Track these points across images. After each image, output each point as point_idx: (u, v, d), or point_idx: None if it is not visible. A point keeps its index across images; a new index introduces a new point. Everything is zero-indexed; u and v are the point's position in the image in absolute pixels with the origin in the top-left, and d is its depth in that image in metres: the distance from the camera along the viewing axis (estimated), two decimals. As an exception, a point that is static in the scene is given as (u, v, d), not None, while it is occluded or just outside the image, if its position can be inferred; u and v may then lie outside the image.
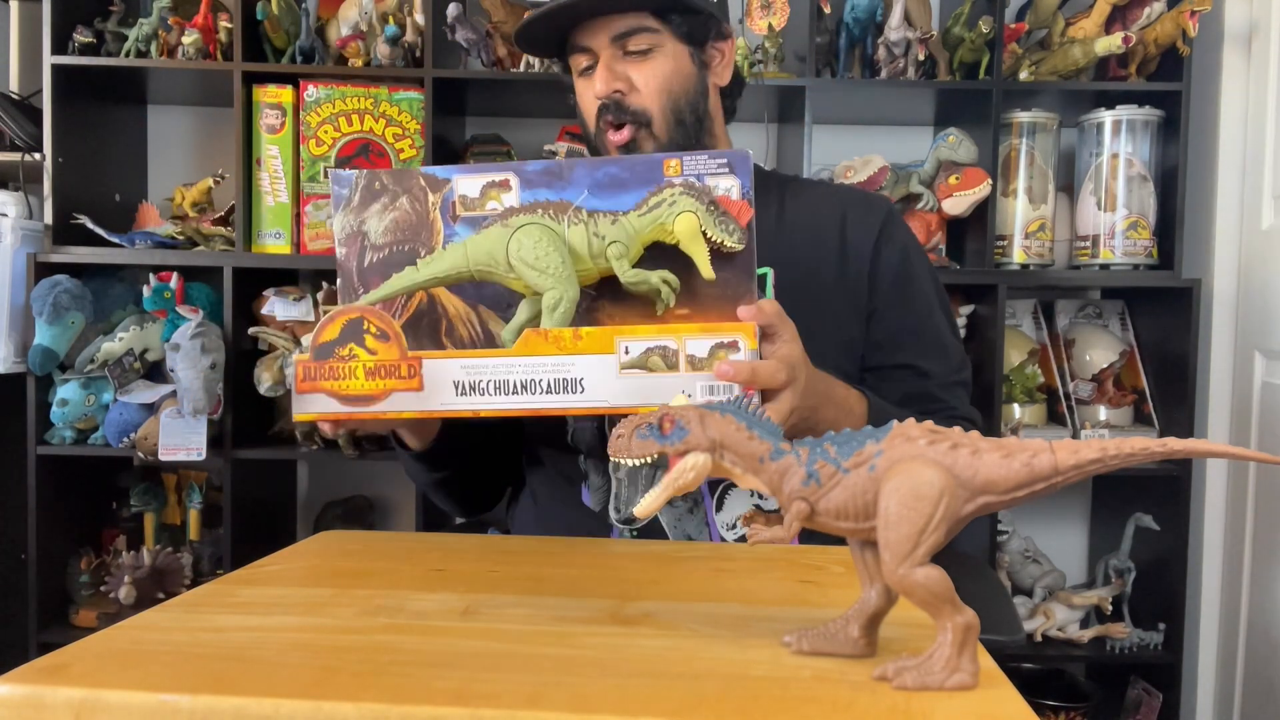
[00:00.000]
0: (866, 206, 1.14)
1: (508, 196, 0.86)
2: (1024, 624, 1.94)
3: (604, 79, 1.08)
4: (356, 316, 0.82)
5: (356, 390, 0.82)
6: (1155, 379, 2.01)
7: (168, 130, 2.18)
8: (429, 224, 0.87)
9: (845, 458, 0.53)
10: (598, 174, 0.85)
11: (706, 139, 1.14)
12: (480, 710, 0.47)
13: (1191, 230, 1.95)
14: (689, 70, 1.11)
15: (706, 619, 0.64)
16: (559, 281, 0.82)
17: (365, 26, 1.88)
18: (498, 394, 0.80)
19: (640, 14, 1.07)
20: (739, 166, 0.84)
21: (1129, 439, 0.52)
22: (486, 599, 0.69)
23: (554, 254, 0.82)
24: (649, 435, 0.55)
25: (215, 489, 2.02)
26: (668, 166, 0.84)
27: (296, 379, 0.83)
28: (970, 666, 0.51)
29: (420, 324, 0.89)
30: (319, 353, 0.82)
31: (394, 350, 0.81)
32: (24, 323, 1.84)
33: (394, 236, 0.88)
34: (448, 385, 0.81)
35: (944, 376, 1.10)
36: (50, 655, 0.55)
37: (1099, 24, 1.91)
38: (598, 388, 0.79)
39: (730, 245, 0.82)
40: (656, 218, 0.83)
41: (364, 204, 0.89)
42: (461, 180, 0.87)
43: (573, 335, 0.80)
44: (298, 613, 0.66)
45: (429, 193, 0.87)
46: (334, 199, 0.90)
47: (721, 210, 0.82)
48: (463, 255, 0.85)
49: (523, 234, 0.83)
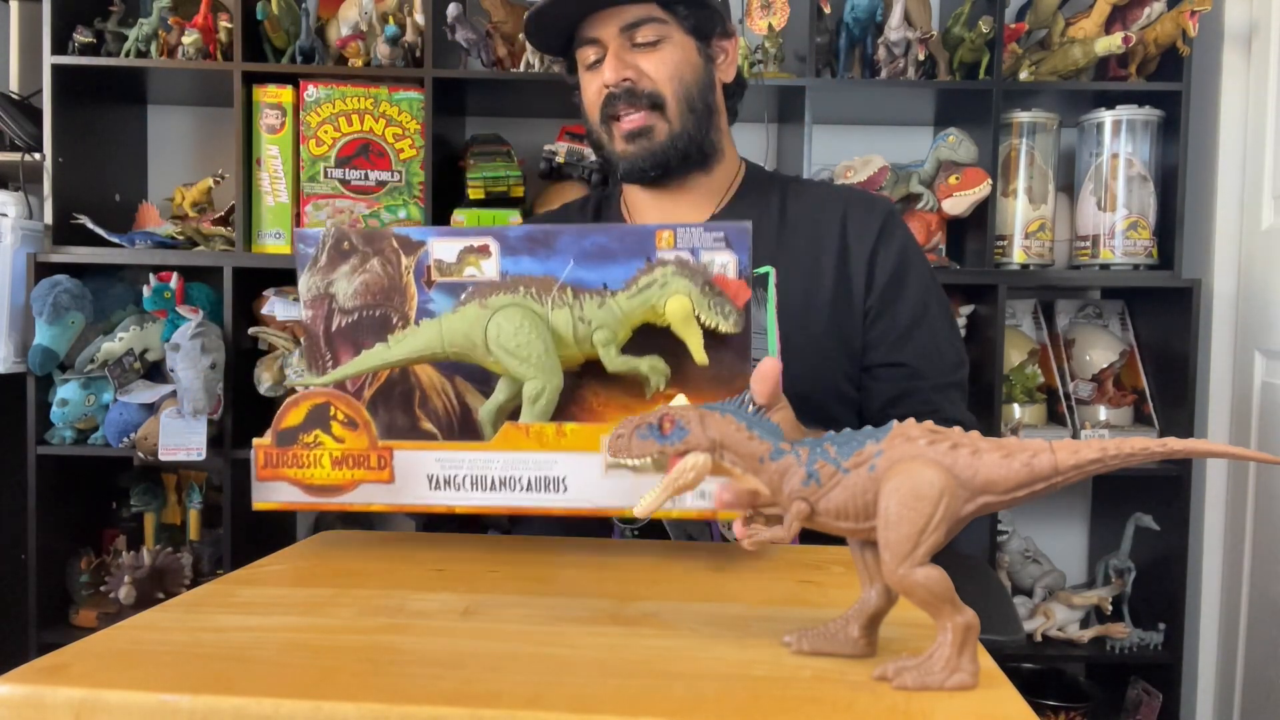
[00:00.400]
0: (867, 207, 1.15)
1: (487, 263, 0.81)
2: (1024, 624, 1.94)
3: (614, 67, 1.08)
4: (322, 401, 0.77)
5: (322, 480, 0.77)
6: (1155, 379, 2.01)
7: (168, 130, 2.18)
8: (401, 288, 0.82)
9: (845, 458, 0.53)
10: (584, 243, 0.79)
11: (713, 134, 1.14)
12: (480, 710, 0.47)
13: (1191, 230, 1.95)
14: (696, 62, 1.11)
15: (706, 619, 0.64)
16: (540, 371, 0.78)
17: (365, 26, 1.88)
18: (474, 490, 0.76)
19: (648, 5, 1.07)
20: (736, 241, 0.78)
21: (1129, 439, 0.52)
22: (486, 599, 0.69)
23: (536, 341, 0.78)
24: (649, 435, 0.55)
25: (215, 489, 2.02)
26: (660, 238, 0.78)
27: (257, 465, 0.78)
28: (970, 666, 0.51)
29: (392, 394, 0.84)
30: (281, 438, 0.78)
31: (363, 439, 0.77)
32: (24, 323, 1.84)
33: (364, 300, 0.83)
34: (420, 478, 0.76)
35: (937, 377, 1.10)
36: (50, 655, 0.55)
37: (1099, 24, 1.91)
38: (582, 488, 0.74)
39: (725, 329, 0.77)
40: (646, 300, 0.77)
41: (331, 264, 0.83)
42: (437, 243, 0.81)
43: (555, 431, 0.75)
44: (298, 613, 0.66)
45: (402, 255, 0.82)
46: (299, 258, 0.84)
47: (716, 291, 0.77)
48: (437, 335, 0.80)
49: (502, 317, 0.78)
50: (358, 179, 1.88)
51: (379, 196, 1.88)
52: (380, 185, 1.88)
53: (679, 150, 1.11)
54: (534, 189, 2.03)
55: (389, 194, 1.89)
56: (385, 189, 1.88)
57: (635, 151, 1.11)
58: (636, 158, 1.11)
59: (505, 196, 1.89)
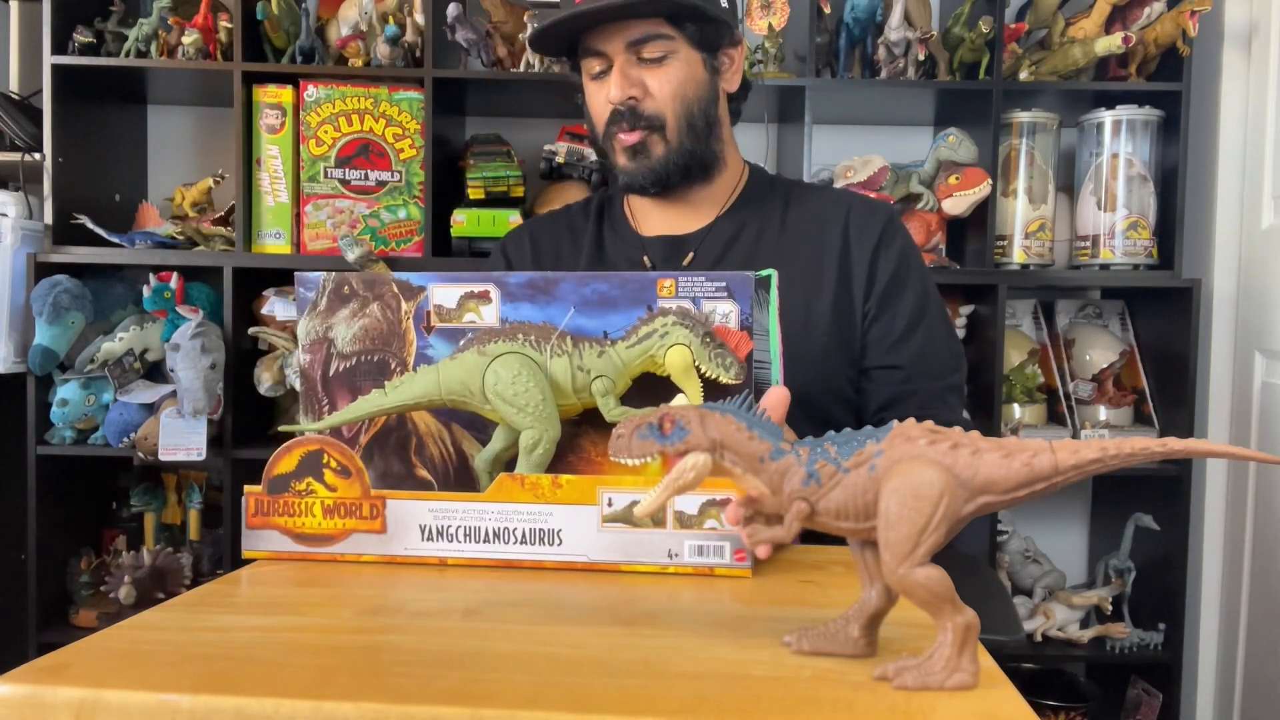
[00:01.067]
0: (869, 212, 1.16)
1: (487, 310, 0.80)
2: (1024, 624, 1.94)
3: (619, 85, 1.08)
4: (315, 449, 0.77)
5: (313, 529, 0.77)
6: (1155, 379, 2.01)
7: (168, 130, 2.18)
8: (400, 333, 0.82)
9: (845, 457, 0.53)
10: (585, 290, 0.79)
11: (715, 144, 1.15)
12: (480, 710, 0.47)
13: (1191, 230, 1.95)
14: (701, 77, 1.11)
15: (706, 619, 0.64)
16: (538, 420, 0.77)
17: (365, 26, 1.88)
18: (467, 541, 0.75)
19: (655, 20, 1.07)
20: (738, 291, 0.78)
21: (1129, 439, 0.52)
22: (486, 599, 0.69)
23: (534, 390, 0.77)
24: (649, 435, 0.55)
25: (215, 489, 2.02)
26: (661, 287, 0.78)
27: (247, 512, 0.78)
28: (970, 666, 0.51)
29: (388, 440, 0.84)
30: (273, 486, 0.77)
31: (355, 488, 0.76)
32: (24, 323, 1.84)
33: (363, 345, 0.83)
34: (413, 528, 0.76)
35: (933, 381, 1.11)
36: (50, 655, 0.55)
37: (1099, 24, 1.91)
38: (578, 541, 0.74)
39: (725, 380, 0.76)
40: (646, 349, 0.77)
41: (331, 308, 0.83)
42: (437, 289, 0.81)
43: (551, 483, 0.74)
44: (299, 613, 0.66)
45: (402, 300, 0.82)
46: (299, 301, 0.84)
47: (718, 343, 0.77)
48: (435, 382, 0.80)
49: (500, 365, 0.78)
50: (358, 179, 1.88)
51: (379, 196, 1.88)
52: (380, 185, 1.88)
53: (678, 166, 1.12)
54: (534, 189, 2.03)
55: (389, 194, 1.89)
56: (385, 189, 1.88)
57: (634, 168, 1.12)
58: (635, 173, 1.12)
59: (505, 196, 1.89)
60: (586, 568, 0.74)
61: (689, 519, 0.73)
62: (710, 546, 0.74)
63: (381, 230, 1.89)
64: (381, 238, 1.89)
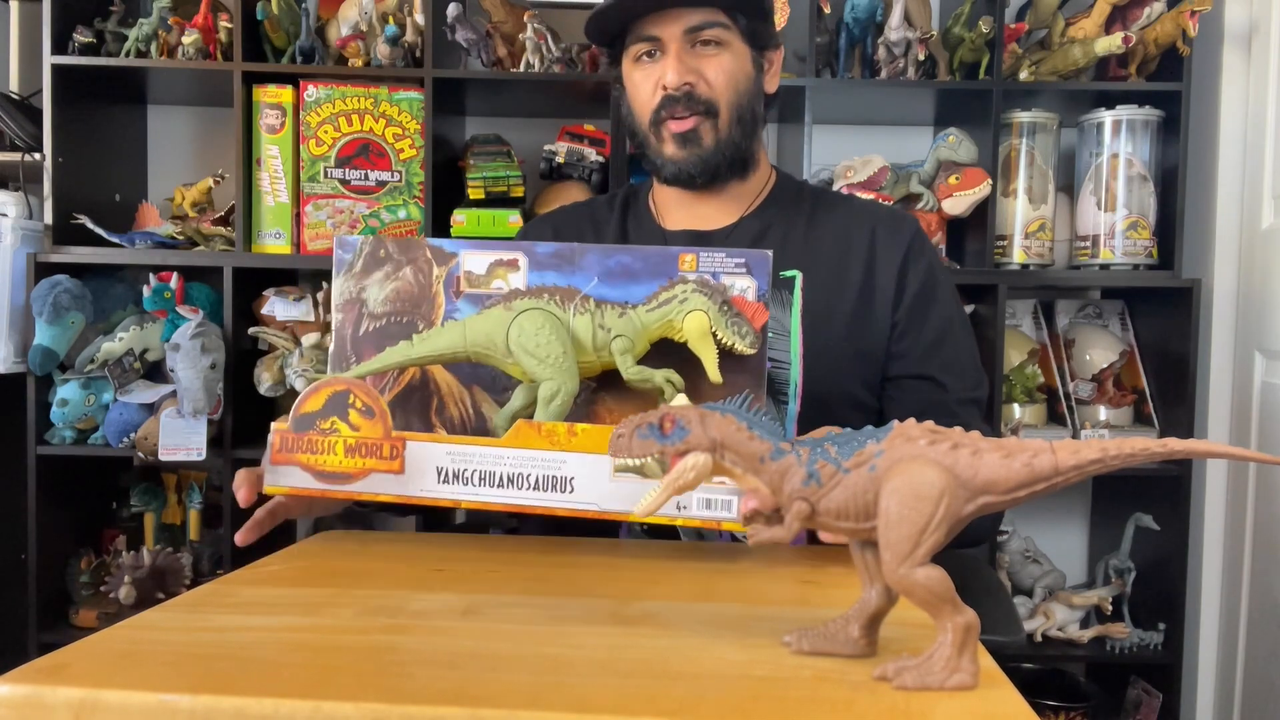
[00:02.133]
0: (896, 224, 1.16)
1: (515, 276, 0.83)
2: (1024, 624, 1.94)
3: (677, 70, 1.08)
4: (343, 389, 0.78)
5: (333, 467, 0.78)
6: (1155, 379, 2.01)
7: (168, 130, 2.18)
8: (430, 297, 0.85)
9: (846, 458, 0.53)
10: (609, 261, 0.82)
11: (755, 141, 1.16)
12: (480, 710, 0.47)
13: (1191, 230, 1.95)
14: (750, 72, 1.12)
15: (707, 619, 0.64)
16: (558, 372, 0.79)
17: (365, 26, 1.88)
18: (482, 485, 0.76)
19: (713, 10, 1.08)
20: (757, 268, 0.81)
21: (1129, 439, 0.52)
22: (486, 599, 0.69)
23: (555, 343, 0.80)
24: (649, 435, 0.55)
25: (215, 489, 2.02)
26: (683, 260, 0.81)
27: (272, 448, 0.79)
28: (970, 666, 0.51)
29: (410, 399, 0.86)
30: (299, 424, 0.79)
31: (378, 428, 0.78)
32: (24, 323, 1.84)
33: (393, 307, 0.85)
34: (430, 470, 0.77)
35: (960, 392, 1.12)
36: (50, 655, 0.55)
37: (1099, 24, 1.91)
38: (589, 489, 0.75)
39: (741, 349, 0.79)
40: (665, 314, 0.80)
41: (366, 271, 0.86)
42: (469, 255, 0.84)
43: (567, 431, 0.76)
44: (298, 613, 0.66)
45: (434, 265, 0.85)
46: (336, 262, 0.87)
47: (735, 311, 0.79)
48: (460, 335, 0.82)
49: (525, 319, 0.80)
50: (358, 179, 1.88)
51: (379, 196, 1.88)
52: (380, 185, 1.88)
53: (725, 158, 1.12)
54: (534, 189, 2.03)
55: (389, 194, 1.89)
56: (385, 189, 1.88)
57: (685, 157, 1.11)
58: (685, 163, 1.11)
59: (505, 196, 1.89)
60: (597, 516, 0.76)
61: None
62: (719, 500, 0.74)
63: (381, 230, 1.89)
64: (381, 238, 1.88)
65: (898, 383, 1.12)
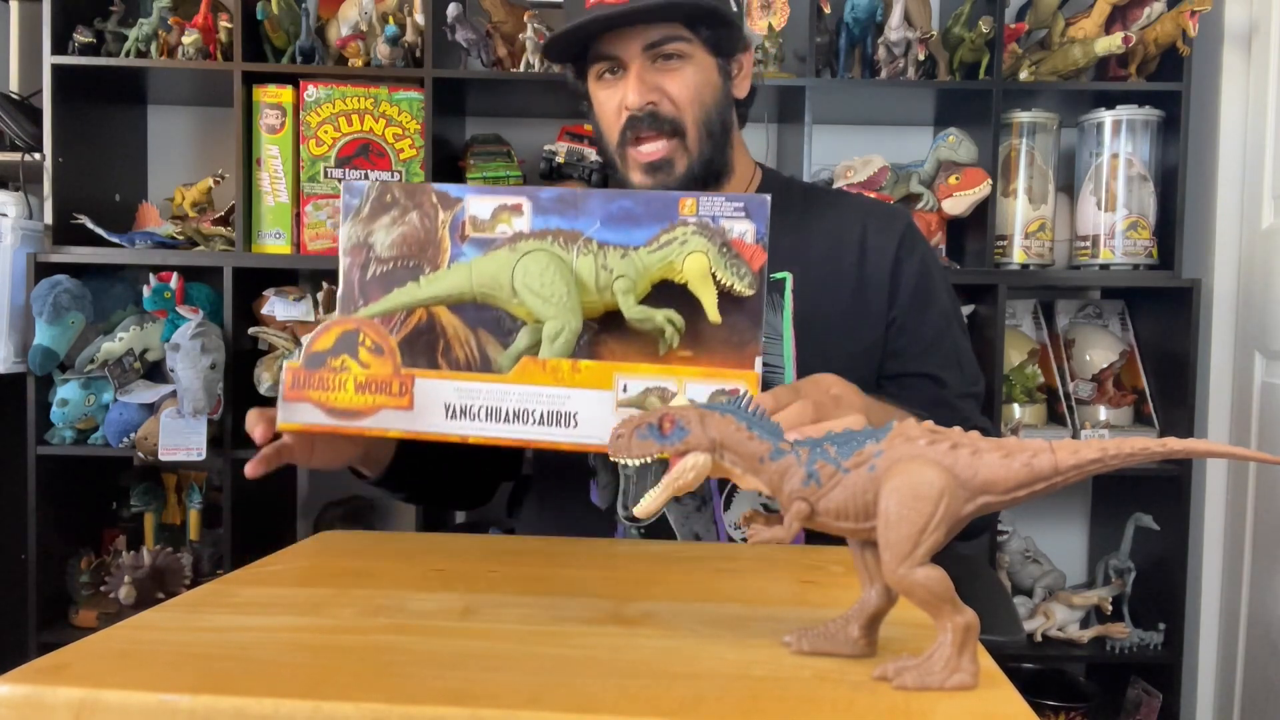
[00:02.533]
0: (887, 218, 1.15)
1: (519, 220, 0.84)
2: (1024, 624, 1.94)
3: (637, 90, 1.05)
4: (353, 328, 0.80)
5: (344, 404, 0.80)
6: (1155, 379, 2.01)
7: (168, 130, 2.18)
8: (436, 241, 0.86)
9: (845, 457, 0.53)
10: (611, 206, 0.83)
11: (728, 150, 1.13)
12: (480, 710, 0.47)
13: (1191, 230, 1.95)
14: (716, 82, 1.10)
15: (707, 619, 0.64)
16: (562, 311, 0.81)
17: (365, 26, 1.88)
18: (489, 420, 0.78)
19: (673, 24, 1.05)
20: (755, 212, 0.82)
21: (1129, 439, 0.52)
22: (486, 599, 0.69)
23: (559, 282, 0.81)
24: (649, 435, 0.55)
25: (215, 489, 2.02)
26: (683, 205, 0.82)
27: (285, 385, 0.81)
28: (970, 666, 0.51)
29: (418, 342, 0.87)
30: (310, 361, 0.80)
31: (387, 365, 0.79)
32: (24, 323, 1.84)
33: (399, 251, 0.87)
34: (438, 406, 0.79)
35: (960, 387, 1.12)
36: (50, 655, 0.55)
37: (1099, 24, 1.91)
38: (592, 424, 0.77)
39: (740, 289, 0.80)
40: (666, 255, 0.81)
41: (373, 215, 0.87)
42: (473, 200, 0.85)
43: (571, 367, 0.78)
44: (298, 613, 0.66)
45: (440, 210, 0.86)
46: (344, 207, 0.88)
47: (734, 253, 0.81)
48: (466, 276, 0.84)
49: (529, 260, 0.82)
50: (358, 179, 1.88)
51: (379, 196, 1.88)
52: (380, 185, 1.88)
53: (695, 180, 1.10)
54: (534, 189, 2.03)
55: (389, 194, 1.88)
56: (385, 189, 1.88)
57: (653, 185, 1.09)
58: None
59: (505, 196, 1.89)
60: (600, 449, 0.77)
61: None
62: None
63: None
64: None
65: (898, 381, 1.11)
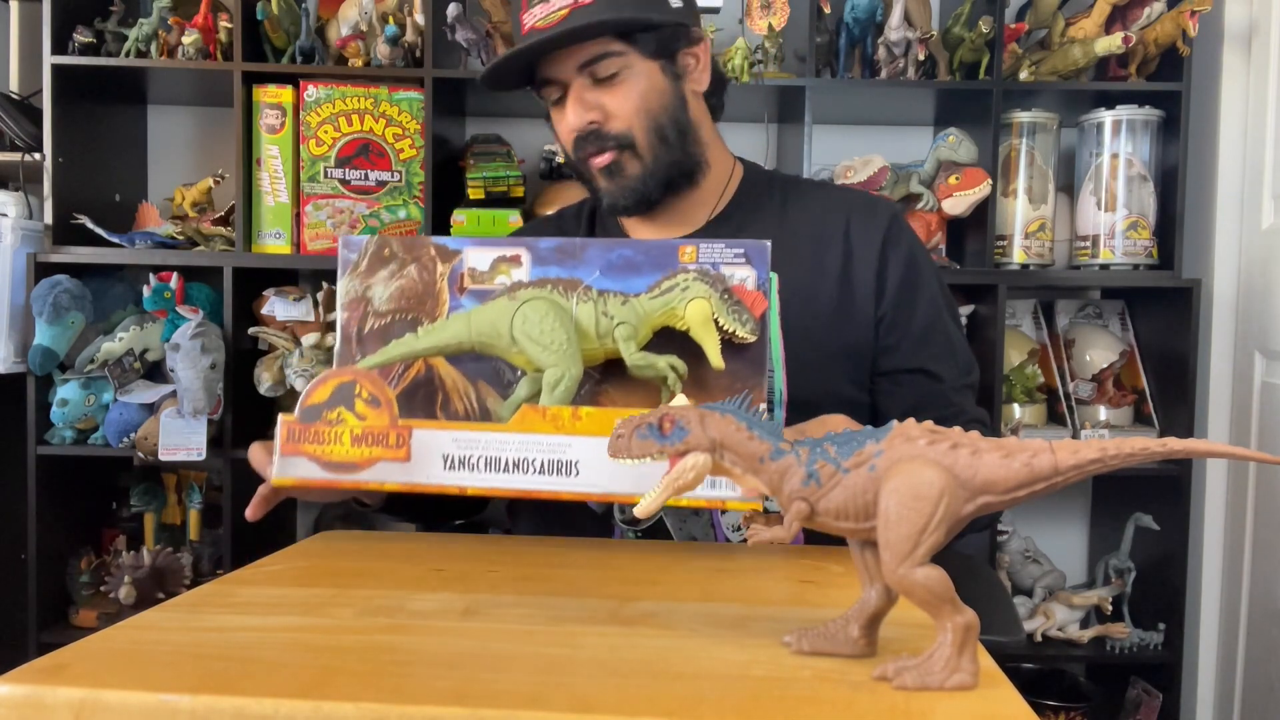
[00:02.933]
0: (870, 210, 1.13)
1: (518, 272, 0.84)
2: (1024, 624, 1.94)
3: (576, 112, 1.05)
4: (349, 380, 0.79)
5: (340, 457, 0.78)
6: (1155, 379, 2.01)
7: (168, 130, 2.18)
8: (435, 294, 0.85)
9: (845, 458, 0.53)
10: (611, 255, 0.83)
11: (693, 148, 1.11)
12: (480, 710, 0.47)
13: (1191, 230, 1.95)
14: (663, 86, 1.07)
15: (706, 619, 0.64)
16: (562, 358, 0.80)
17: (365, 26, 1.88)
18: (488, 471, 0.77)
19: (604, 40, 1.03)
20: (756, 258, 0.82)
21: (1129, 439, 0.52)
22: (486, 599, 0.69)
23: (559, 330, 0.80)
24: (649, 435, 0.55)
25: (215, 489, 2.02)
26: (683, 253, 0.82)
27: (280, 439, 0.80)
28: (970, 666, 0.51)
29: (416, 395, 0.86)
30: (306, 415, 0.79)
31: (384, 417, 0.78)
32: (24, 323, 1.84)
33: (398, 304, 0.86)
34: (436, 458, 0.77)
35: (955, 380, 1.10)
36: (50, 655, 0.55)
37: (1099, 24, 1.91)
38: (594, 472, 0.75)
39: (742, 336, 0.80)
40: (668, 302, 0.81)
41: (371, 269, 0.87)
42: (472, 252, 0.85)
43: (571, 414, 0.76)
44: (298, 613, 0.66)
45: (438, 262, 0.86)
46: (341, 262, 0.88)
47: (735, 300, 0.80)
48: (465, 326, 0.83)
49: (529, 308, 0.81)
50: (358, 179, 1.88)
51: (379, 196, 1.88)
52: (380, 185, 1.88)
53: (658, 181, 1.08)
54: (534, 189, 2.03)
55: (389, 194, 1.89)
56: (385, 189, 1.88)
57: (613, 189, 1.08)
58: (616, 195, 1.09)
59: (505, 197, 1.89)
60: (603, 498, 0.77)
61: None
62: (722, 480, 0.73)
63: (381, 230, 1.89)
64: (386, 237, 1.88)
65: (892, 377, 1.10)
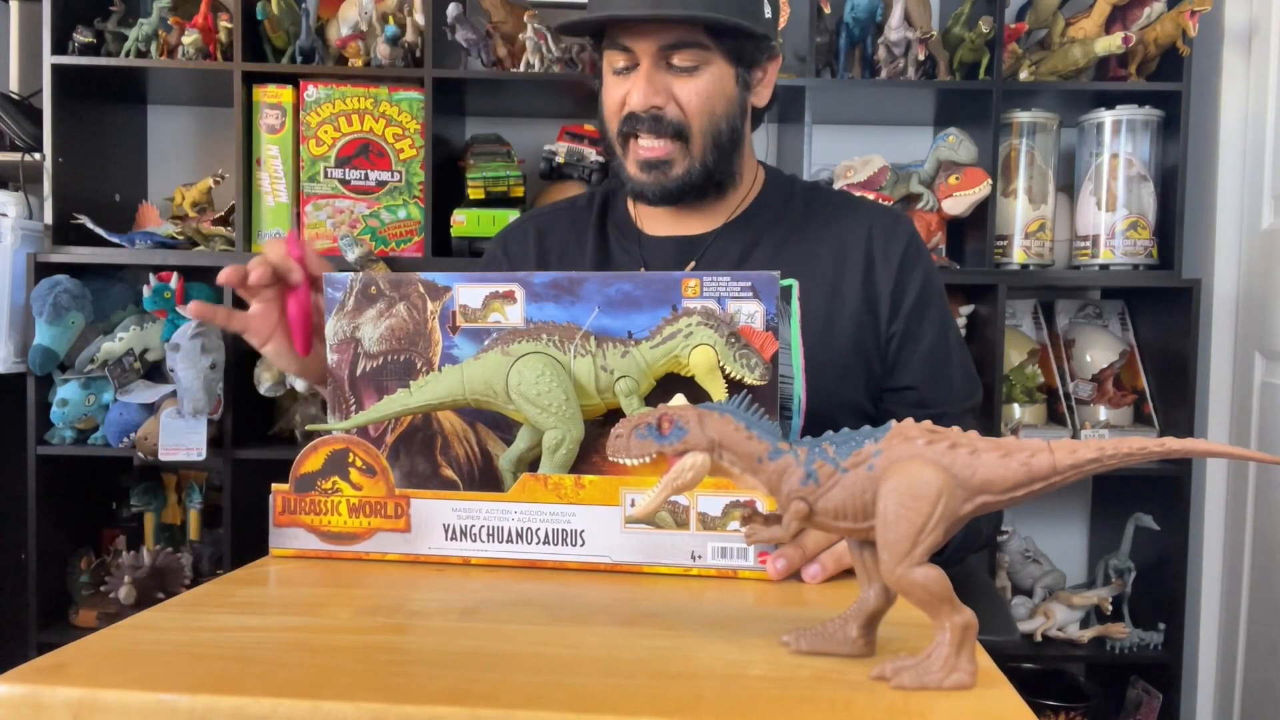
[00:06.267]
0: (893, 226, 1.12)
1: (511, 309, 0.81)
2: (1024, 624, 1.94)
3: (644, 91, 1.02)
4: (342, 448, 0.78)
5: (339, 527, 0.78)
6: (1155, 379, 2.01)
7: (168, 130, 2.18)
8: (426, 333, 0.83)
9: (844, 457, 0.53)
10: (609, 290, 0.79)
11: (736, 158, 1.10)
12: (480, 710, 0.47)
13: (1191, 230, 1.95)
14: (731, 92, 1.06)
15: (706, 619, 0.64)
16: (561, 421, 0.78)
17: (365, 26, 1.88)
18: (490, 541, 0.76)
19: (693, 29, 1.01)
20: (764, 290, 0.77)
21: (1127, 439, 0.52)
22: (486, 599, 0.69)
23: (557, 390, 0.78)
24: (648, 435, 0.55)
25: (215, 489, 2.02)
26: (685, 286, 0.78)
27: (275, 510, 0.79)
28: (968, 666, 0.51)
29: (414, 440, 0.84)
30: (300, 484, 0.78)
31: (380, 487, 0.77)
32: (24, 323, 1.84)
33: (389, 345, 0.84)
34: (437, 528, 0.76)
35: (958, 403, 1.10)
36: (50, 655, 0.55)
37: (1099, 24, 1.91)
38: (600, 541, 0.74)
39: (750, 382, 0.76)
40: (670, 349, 0.77)
41: (358, 309, 0.84)
42: (463, 289, 0.82)
43: (574, 483, 0.74)
44: (298, 613, 0.66)
45: (428, 300, 0.83)
46: (327, 301, 0.85)
47: (743, 343, 0.76)
48: (459, 382, 0.80)
49: (524, 365, 0.79)
50: (358, 179, 1.88)
51: (379, 196, 1.88)
52: (380, 185, 1.88)
53: (694, 184, 1.07)
54: (534, 189, 2.03)
55: (389, 194, 1.89)
56: (385, 189, 1.89)
57: (647, 181, 1.06)
58: (646, 186, 1.07)
59: (505, 196, 1.89)
60: (609, 569, 0.75)
61: (712, 520, 0.73)
62: (734, 549, 0.73)
63: (381, 230, 1.89)
64: (381, 238, 1.89)
65: (899, 394, 1.10)
